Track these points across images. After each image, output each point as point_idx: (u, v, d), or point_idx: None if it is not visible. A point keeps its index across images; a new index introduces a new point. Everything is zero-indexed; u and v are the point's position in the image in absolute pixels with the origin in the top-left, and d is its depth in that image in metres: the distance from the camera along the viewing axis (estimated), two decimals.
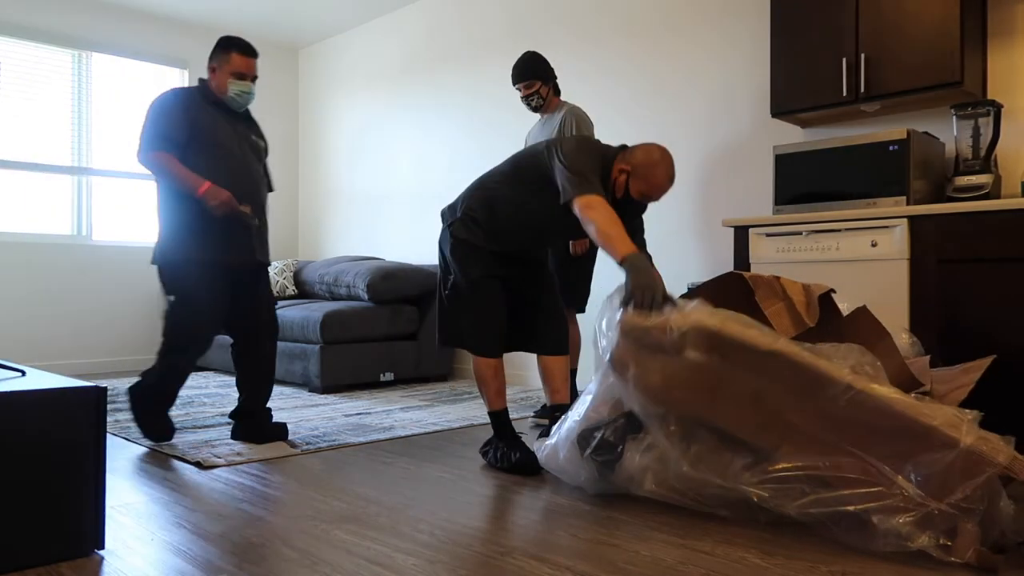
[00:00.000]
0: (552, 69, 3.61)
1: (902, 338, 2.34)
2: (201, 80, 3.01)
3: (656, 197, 2.47)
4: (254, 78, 3.01)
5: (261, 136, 3.17)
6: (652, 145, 2.48)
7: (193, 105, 2.92)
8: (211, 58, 2.99)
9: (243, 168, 2.98)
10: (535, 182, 2.54)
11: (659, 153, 2.45)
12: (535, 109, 3.60)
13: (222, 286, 2.94)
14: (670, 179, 2.45)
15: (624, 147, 2.54)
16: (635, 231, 2.75)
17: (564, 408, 2.83)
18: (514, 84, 3.59)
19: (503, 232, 2.63)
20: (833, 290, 2.30)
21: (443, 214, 2.78)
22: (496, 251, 2.65)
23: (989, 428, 2.49)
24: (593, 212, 2.29)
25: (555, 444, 2.34)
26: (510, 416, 2.76)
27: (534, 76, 3.54)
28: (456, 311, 2.69)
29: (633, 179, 2.45)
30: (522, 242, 2.67)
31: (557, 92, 3.66)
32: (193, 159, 2.87)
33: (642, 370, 2.06)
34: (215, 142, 2.92)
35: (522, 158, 2.65)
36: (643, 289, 2.08)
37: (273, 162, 6.42)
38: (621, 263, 2.18)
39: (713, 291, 2.36)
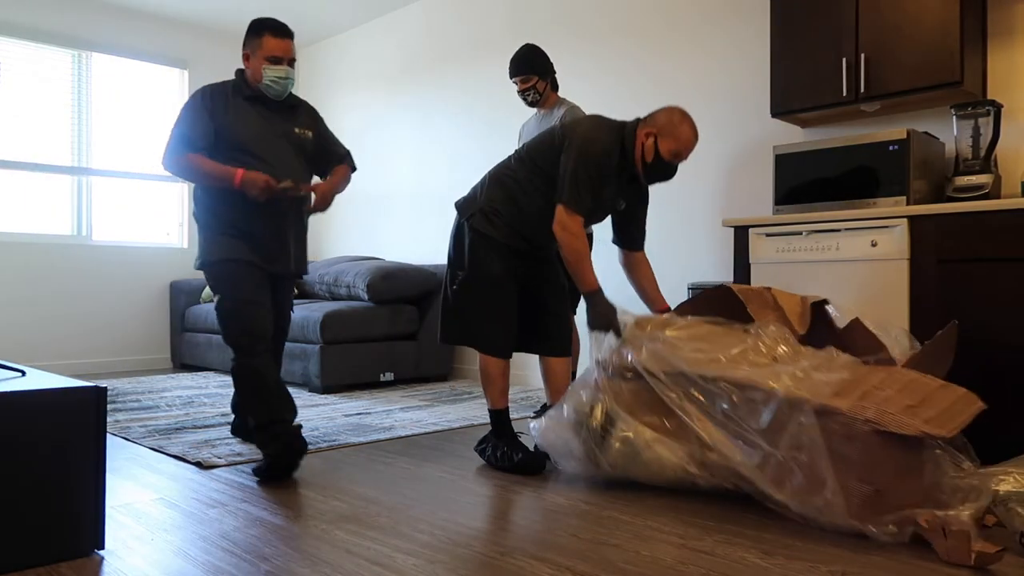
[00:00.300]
0: (551, 63, 3.57)
1: (903, 342, 2.35)
2: (238, 71, 2.76)
3: (685, 155, 2.55)
4: (291, 61, 2.71)
5: (310, 125, 2.87)
6: (669, 107, 2.57)
7: (220, 104, 2.67)
8: (244, 44, 2.74)
9: (272, 173, 2.65)
10: (552, 170, 2.56)
11: (679, 113, 2.54)
12: (532, 104, 3.56)
13: (261, 278, 2.71)
14: (696, 135, 2.55)
15: (638, 119, 2.59)
16: (637, 218, 2.77)
17: None
18: (511, 77, 3.54)
19: (525, 224, 2.61)
20: (827, 300, 2.37)
21: (459, 206, 2.73)
22: (515, 246, 2.63)
23: (990, 427, 2.51)
24: (568, 236, 2.50)
25: (553, 420, 2.43)
26: (510, 416, 2.75)
27: (531, 70, 3.48)
28: (465, 307, 2.66)
29: (662, 140, 2.52)
30: (543, 233, 2.63)
31: (555, 87, 3.61)
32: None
33: (609, 386, 2.39)
34: (239, 145, 2.65)
35: (536, 146, 2.63)
36: (600, 328, 2.50)
37: None
38: (586, 295, 2.53)
39: (703, 306, 2.44)
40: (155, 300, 5.88)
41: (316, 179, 2.96)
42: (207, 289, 5.71)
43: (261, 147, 2.68)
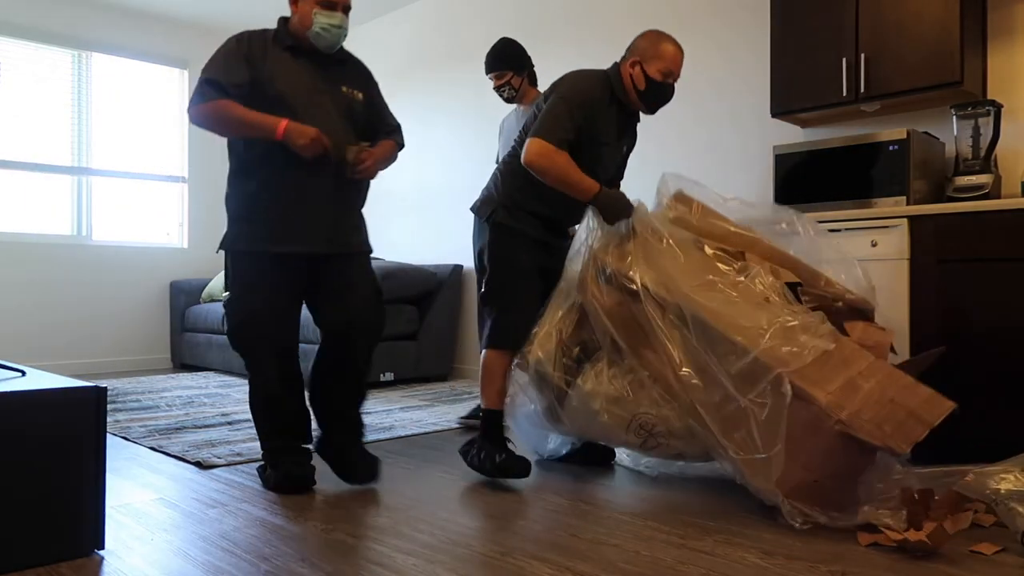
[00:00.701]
0: (527, 58, 3.42)
1: (862, 284, 2.42)
2: (282, 19, 2.40)
3: (676, 71, 2.51)
4: (346, 8, 2.36)
5: (360, 86, 2.48)
6: (643, 32, 2.56)
7: (257, 51, 2.31)
8: None
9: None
10: None
11: (655, 33, 2.52)
12: (508, 100, 3.42)
13: (280, 280, 2.36)
14: (680, 49, 2.52)
15: (616, 62, 2.58)
16: (625, 162, 2.79)
17: None
18: (486, 74, 3.41)
19: (546, 201, 2.51)
20: (800, 283, 2.36)
21: (477, 209, 2.63)
22: (539, 237, 2.54)
23: (990, 426, 2.51)
24: (541, 159, 2.39)
25: (516, 378, 2.53)
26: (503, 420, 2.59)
27: (506, 66, 3.35)
28: (501, 306, 2.54)
29: (648, 64, 2.48)
30: (564, 204, 2.51)
31: (533, 82, 3.46)
32: None
33: (598, 291, 2.41)
34: (276, 99, 2.28)
35: (531, 122, 2.54)
36: (618, 219, 2.43)
37: None
38: (592, 201, 2.43)
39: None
40: (155, 300, 5.88)
41: None
42: (207, 288, 5.71)
43: (301, 104, 2.31)
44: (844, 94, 3.12)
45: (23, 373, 1.95)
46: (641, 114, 2.66)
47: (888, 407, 1.99)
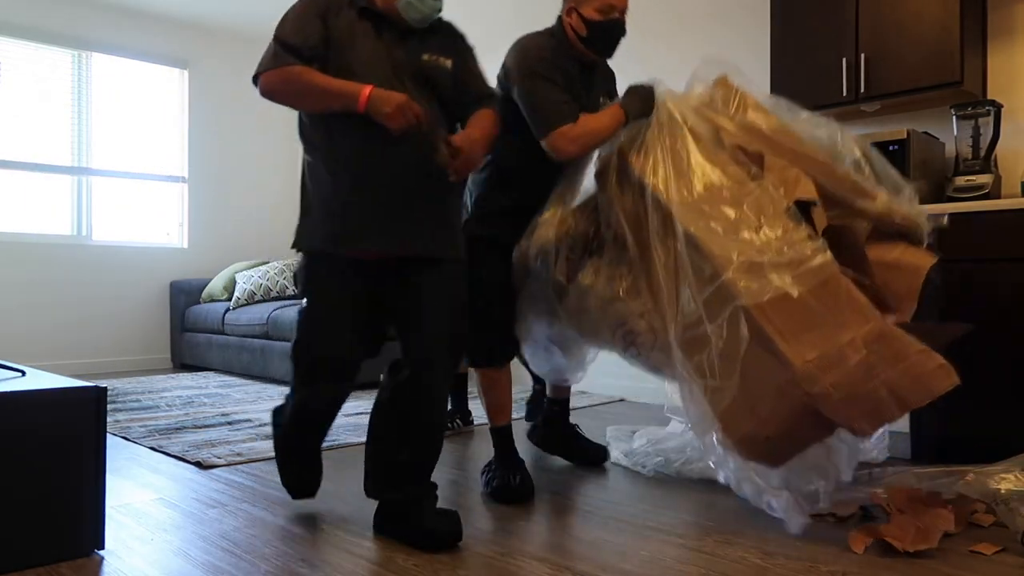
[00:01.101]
0: None
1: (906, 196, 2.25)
2: None
3: (620, 3, 2.28)
4: None
5: (448, 52, 2.08)
6: None
7: (333, 13, 1.95)
8: None
9: None
10: (516, 123, 2.29)
11: None
12: None
13: (333, 285, 2.01)
14: None
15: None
16: None
17: (563, 403, 2.80)
18: None
19: (516, 187, 2.39)
20: (814, 202, 2.10)
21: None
22: (511, 243, 2.40)
23: (990, 426, 2.50)
24: (572, 144, 2.22)
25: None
26: (512, 434, 2.46)
27: None
28: (479, 317, 2.36)
29: (583, 6, 2.26)
30: (539, 185, 2.38)
31: None
32: None
33: (618, 187, 2.26)
34: (343, 69, 1.91)
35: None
36: (647, 114, 2.25)
37: (274, 161, 6.42)
38: (628, 120, 2.25)
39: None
40: (155, 300, 5.88)
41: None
42: (207, 288, 5.71)
43: (371, 77, 1.90)
44: (844, 94, 3.12)
45: (23, 373, 1.95)
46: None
47: (870, 384, 1.82)
